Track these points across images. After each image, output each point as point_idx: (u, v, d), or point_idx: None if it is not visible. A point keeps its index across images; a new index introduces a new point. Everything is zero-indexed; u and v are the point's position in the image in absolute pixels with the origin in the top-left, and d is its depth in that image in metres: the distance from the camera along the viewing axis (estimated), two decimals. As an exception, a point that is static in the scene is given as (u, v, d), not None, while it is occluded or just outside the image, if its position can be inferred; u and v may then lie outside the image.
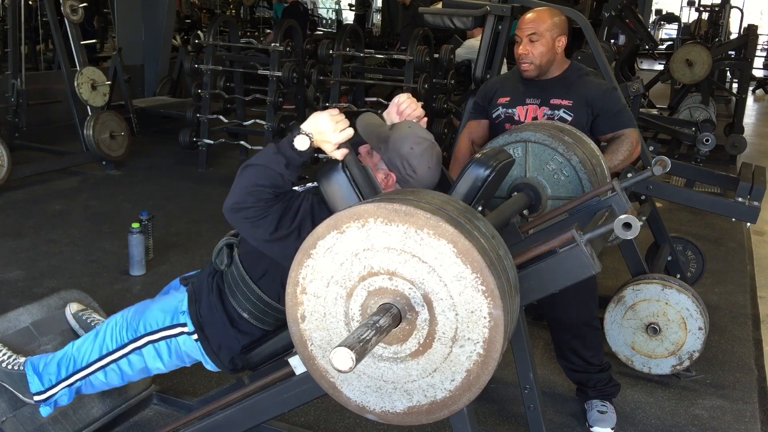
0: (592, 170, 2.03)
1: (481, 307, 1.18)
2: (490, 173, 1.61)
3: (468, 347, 1.21)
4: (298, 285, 1.29)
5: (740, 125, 7.70)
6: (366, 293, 1.25)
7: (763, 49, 18.88)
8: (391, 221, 1.19)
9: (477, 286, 1.17)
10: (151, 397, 2.57)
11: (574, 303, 2.52)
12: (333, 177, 1.60)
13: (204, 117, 6.04)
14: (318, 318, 1.29)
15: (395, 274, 1.21)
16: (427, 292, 1.20)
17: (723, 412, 2.78)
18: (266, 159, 1.62)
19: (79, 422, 2.28)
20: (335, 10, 18.96)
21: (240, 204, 1.61)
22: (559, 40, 2.55)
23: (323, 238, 1.25)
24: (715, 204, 3.25)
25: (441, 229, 1.17)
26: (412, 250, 1.19)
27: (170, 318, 1.94)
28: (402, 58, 5.56)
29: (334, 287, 1.26)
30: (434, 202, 1.24)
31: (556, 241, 1.55)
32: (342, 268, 1.24)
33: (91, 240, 4.31)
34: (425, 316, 1.22)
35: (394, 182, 1.73)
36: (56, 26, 5.68)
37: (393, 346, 1.26)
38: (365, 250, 1.22)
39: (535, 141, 2.03)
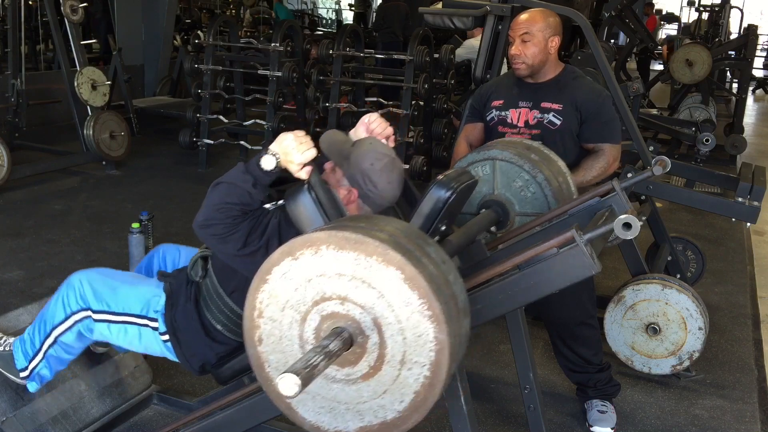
0: (558, 187, 2.07)
1: (427, 331, 1.22)
2: (451, 195, 1.66)
3: (416, 370, 1.25)
4: (255, 309, 1.33)
5: (740, 125, 7.70)
6: (319, 317, 1.29)
7: (763, 49, 18.88)
8: (342, 248, 1.24)
9: (423, 312, 1.21)
10: (151, 397, 2.57)
11: (569, 302, 2.53)
12: (298, 197, 1.65)
13: (204, 117, 6.04)
14: (274, 341, 1.33)
15: (347, 299, 1.26)
16: (377, 317, 1.25)
17: (723, 412, 2.78)
18: (235, 177, 1.68)
19: (79, 422, 2.29)
20: (335, 10, 18.96)
21: (209, 221, 1.67)
22: (552, 40, 2.54)
23: (278, 264, 1.29)
24: (715, 204, 3.25)
25: (389, 256, 1.22)
26: (363, 276, 1.24)
27: (142, 309, 1.95)
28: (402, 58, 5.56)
29: (289, 311, 1.31)
30: (386, 229, 1.29)
31: (556, 241, 1.55)
32: (296, 293, 1.29)
33: (91, 240, 4.31)
34: (375, 340, 1.26)
35: (356, 197, 1.77)
36: (56, 26, 5.67)
37: (345, 368, 1.31)
38: (318, 276, 1.27)
39: (502, 159, 2.08)
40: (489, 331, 3.29)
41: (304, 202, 1.64)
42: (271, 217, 1.72)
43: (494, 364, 3.06)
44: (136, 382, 2.53)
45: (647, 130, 6.16)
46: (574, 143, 2.59)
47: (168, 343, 1.94)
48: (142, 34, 8.59)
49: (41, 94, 6.86)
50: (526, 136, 2.57)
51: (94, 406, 2.35)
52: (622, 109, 3.15)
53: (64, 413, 2.24)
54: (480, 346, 3.19)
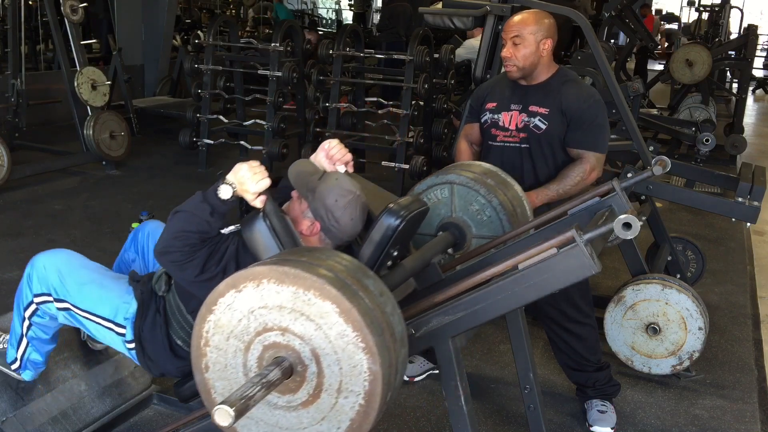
0: (513, 211, 2.15)
1: (361, 362, 1.30)
2: (401, 223, 1.72)
3: (351, 398, 1.33)
4: (201, 338, 1.40)
5: (740, 125, 7.70)
6: (262, 347, 1.36)
7: (763, 49, 18.88)
8: (282, 282, 1.31)
9: (357, 344, 1.29)
10: (151, 397, 2.57)
11: (560, 300, 2.54)
12: (254, 225, 1.71)
13: (204, 117, 6.04)
14: (220, 369, 1.41)
15: (287, 331, 1.33)
16: (315, 348, 1.32)
17: (723, 412, 2.78)
18: (193, 206, 1.72)
19: (79, 422, 2.29)
20: (335, 10, 18.96)
21: (167, 248, 1.72)
22: (545, 42, 2.52)
23: (223, 295, 1.36)
24: (715, 204, 3.25)
25: (325, 291, 1.29)
26: (301, 309, 1.31)
27: (110, 314, 1.97)
28: (403, 58, 5.56)
29: (234, 341, 1.38)
30: (326, 264, 1.36)
31: (557, 241, 1.55)
32: (240, 323, 1.36)
33: (91, 240, 4.31)
34: (314, 369, 1.34)
35: (318, 230, 1.81)
36: (56, 26, 5.67)
37: (286, 395, 1.37)
38: (260, 308, 1.34)
39: (459, 183, 2.16)
40: (489, 331, 3.29)
41: (259, 230, 1.70)
42: (228, 244, 1.77)
43: (494, 364, 3.06)
44: (136, 382, 2.53)
45: (647, 130, 6.16)
46: (561, 148, 2.57)
47: (132, 351, 1.97)
48: (142, 34, 8.59)
49: (41, 94, 6.85)
50: (515, 139, 2.57)
51: (94, 406, 2.35)
52: (622, 110, 3.15)
53: (64, 413, 2.24)
54: (480, 346, 3.19)
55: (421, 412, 2.68)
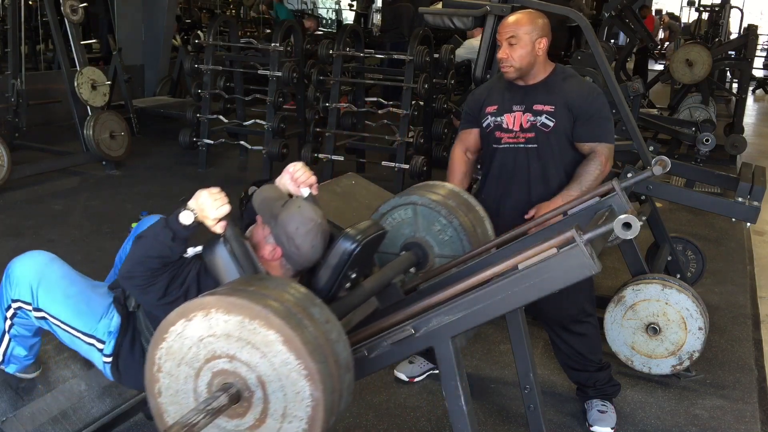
0: (473, 231, 2.20)
1: (304, 389, 1.36)
2: (356, 247, 1.80)
3: (295, 423, 1.39)
4: (154, 364, 1.46)
5: (740, 125, 7.70)
6: (211, 373, 1.43)
7: (763, 49, 18.89)
8: (229, 312, 1.38)
9: (300, 371, 1.35)
10: (143, 401, 2.57)
11: (564, 300, 2.53)
12: (215, 250, 1.76)
13: (204, 117, 6.04)
14: (172, 393, 1.47)
15: (234, 358, 1.40)
16: (261, 375, 1.39)
17: (723, 412, 2.78)
18: (156, 232, 1.76)
19: (79, 422, 2.29)
20: (335, 10, 18.96)
21: (130, 273, 1.77)
22: (540, 42, 2.51)
23: (174, 324, 1.42)
24: (715, 204, 3.25)
25: (270, 320, 1.35)
26: (247, 337, 1.37)
27: (91, 327, 1.98)
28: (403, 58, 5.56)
29: (185, 367, 1.44)
30: (272, 293, 1.42)
31: (557, 241, 1.55)
32: (190, 351, 1.42)
33: (91, 240, 4.31)
34: (260, 395, 1.40)
35: (280, 255, 1.85)
36: (56, 26, 5.67)
37: (234, 420, 1.43)
38: (209, 336, 1.40)
39: (421, 204, 2.21)
40: (489, 331, 3.29)
41: (220, 254, 1.75)
42: (191, 268, 1.81)
43: (494, 364, 3.06)
44: (136, 382, 2.53)
45: (647, 130, 6.16)
46: (569, 144, 2.57)
47: (108, 365, 1.99)
48: (142, 34, 8.59)
49: (41, 94, 6.85)
50: (521, 140, 2.56)
51: (94, 406, 2.35)
52: (622, 109, 3.15)
53: (64, 413, 2.24)
54: (480, 346, 3.19)
55: (421, 412, 2.68)
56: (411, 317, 1.69)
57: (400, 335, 1.67)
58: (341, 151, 6.06)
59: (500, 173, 2.63)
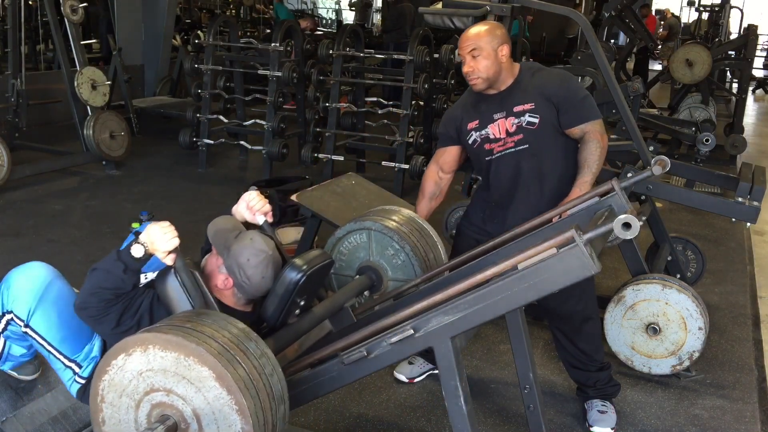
0: (424, 256, 2.30)
1: (235, 423, 1.45)
2: (302, 277, 1.86)
3: None
4: (98, 395, 1.55)
5: (740, 125, 7.70)
6: (150, 405, 1.51)
7: (763, 49, 18.88)
8: (165, 349, 1.46)
9: (232, 406, 1.44)
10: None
11: (573, 297, 2.53)
12: (166, 281, 1.83)
13: (204, 117, 6.04)
14: (114, 423, 1.56)
15: (171, 392, 1.48)
16: (196, 408, 1.47)
17: (723, 412, 2.78)
18: (108, 264, 1.80)
19: (79, 422, 2.28)
20: (335, 10, 18.96)
21: (84, 304, 1.80)
22: (501, 49, 2.52)
23: (115, 358, 1.51)
24: (715, 204, 3.25)
25: (203, 357, 1.43)
26: (183, 373, 1.46)
27: (74, 352, 1.99)
28: (403, 58, 5.57)
29: (126, 399, 1.53)
30: (208, 330, 1.49)
31: (556, 241, 1.55)
32: (130, 383, 1.51)
33: (91, 240, 4.31)
34: (195, 427, 1.49)
35: (232, 285, 1.90)
36: (56, 26, 5.68)
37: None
38: (147, 370, 1.49)
39: (375, 229, 2.30)
40: (489, 331, 3.29)
41: (171, 285, 1.82)
42: (143, 298, 1.85)
43: (494, 364, 3.06)
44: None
45: (647, 130, 6.16)
46: (559, 133, 2.55)
47: (78, 385, 2.00)
48: (142, 34, 8.59)
49: (41, 94, 6.85)
50: (511, 145, 2.54)
51: (94, 406, 2.35)
52: (622, 110, 3.15)
53: (64, 413, 2.24)
54: (480, 346, 3.19)
55: (421, 412, 2.68)
56: (407, 319, 1.69)
57: (399, 335, 1.67)
58: (341, 151, 6.07)
59: (499, 183, 2.61)
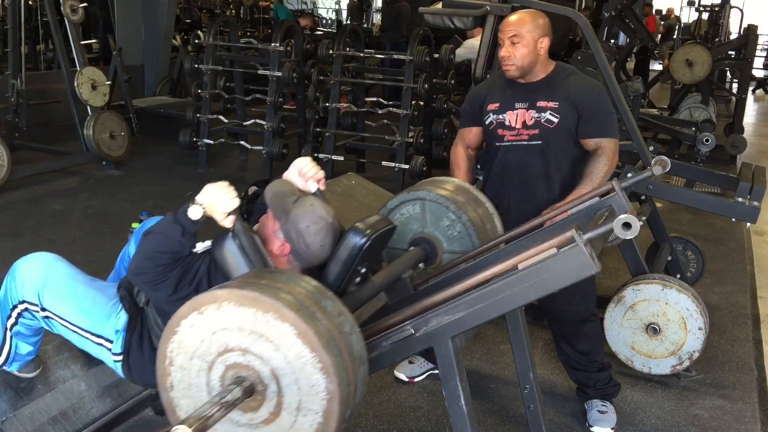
0: (482, 227, 2.18)
1: (318, 382, 1.34)
2: (366, 242, 1.78)
3: (310, 417, 1.37)
4: (166, 358, 1.45)
5: (740, 125, 7.70)
6: (224, 367, 1.41)
7: (763, 49, 18.88)
8: (241, 305, 1.36)
9: (315, 364, 1.34)
10: (151, 397, 2.57)
11: (573, 298, 2.53)
12: (224, 245, 1.74)
13: (204, 117, 6.04)
14: (184, 387, 1.45)
15: (247, 351, 1.38)
16: (274, 368, 1.37)
17: (723, 412, 2.78)
18: (164, 227, 1.75)
19: (79, 422, 2.29)
20: (335, 10, 18.96)
21: (140, 269, 1.75)
22: (542, 41, 2.51)
23: (186, 317, 1.41)
24: (715, 204, 3.25)
25: (283, 313, 1.33)
26: (260, 330, 1.36)
27: (98, 326, 1.96)
28: (403, 58, 5.56)
29: (197, 361, 1.43)
30: (285, 287, 1.40)
31: (556, 241, 1.55)
32: (202, 344, 1.41)
33: (91, 240, 4.31)
34: (274, 389, 1.38)
35: (288, 251, 1.82)
36: (56, 26, 5.67)
37: (248, 413, 1.41)
38: (221, 329, 1.39)
39: (429, 200, 2.19)
40: (489, 331, 3.29)
41: (229, 249, 1.73)
42: (200, 263, 1.79)
43: (494, 364, 3.06)
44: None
45: (647, 130, 6.16)
46: (574, 140, 2.57)
47: (118, 363, 1.96)
48: (142, 34, 8.59)
49: (41, 94, 6.85)
50: (524, 137, 2.56)
51: (94, 406, 2.35)
52: (622, 109, 3.15)
53: (64, 413, 2.24)
54: (480, 346, 3.19)
55: (421, 412, 2.68)
56: (411, 317, 1.69)
57: (400, 335, 1.67)
58: (341, 151, 6.06)
59: (503, 171, 2.63)
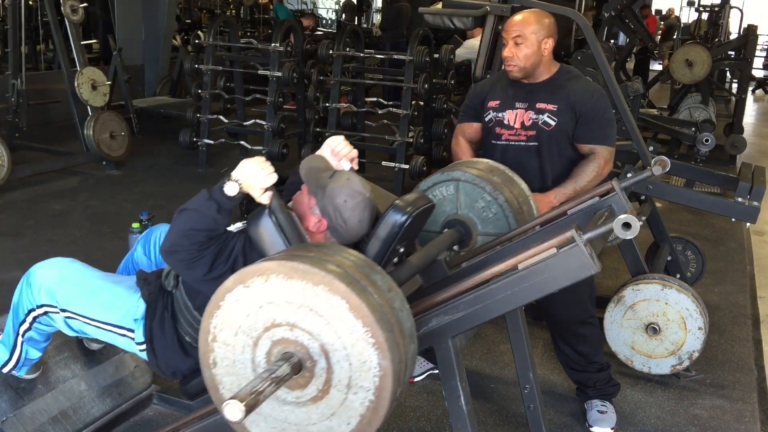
0: (519, 209, 2.13)
1: (371, 358, 1.28)
2: (407, 219, 1.72)
3: (361, 394, 1.31)
4: (209, 333, 1.39)
5: (740, 125, 7.70)
6: (270, 342, 1.35)
7: (763, 49, 18.87)
8: (290, 277, 1.30)
9: (367, 339, 1.27)
10: (151, 397, 2.57)
11: (571, 300, 2.53)
12: (260, 222, 1.69)
13: (204, 117, 6.04)
14: (228, 364, 1.39)
15: (296, 326, 1.32)
16: (324, 343, 1.31)
17: (723, 412, 2.78)
18: (199, 204, 1.71)
19: (79, 422, 2.29)
20: (335, 10, 18.95)
21: (175, 247, 1.71)
22: (546, 42, 2.51)
23: (231, 291, 1.34)
24: (715, 204, 3.25)
25: (334, 286, 1.27)
26: (310, 304, 1.30)
27: (119, 318, 1.94)
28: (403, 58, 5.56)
29: (242, 336, 1.36)
30: (334, 259, 1.35)
31: (556, 241, 1.55)
32: (248, 319, 1.35)
33: (91, 240, 4.31)
34: (323, 365, 1.32)
35: (325, 228, 1.79)
36: (56, 26, 5.67)
37: (295, 391, 1.36)
38: (268, 303, 1.32)
39: (464, 180, 2.14)
40: (489, 331, 3.29)
41: (265, 226, 1.68)
42: (236, 241, 1.75)
43: (494, 364, 3.06)
44: (136, 382, 2.53)
45: (647, 130, 6.16)
46: (569, 144, 2.57)
47: (143, 352, 1.95)
48: (142, 34, 8.59)
49: (41, 94, 6.85)
50: (522, 138, 2.56)
51: (94, 406, 2.35)
52: (621, 110, 3.15)
53: (64, 413, 2.24)
54: (480, 346, 3.19)
55: (421, 412, 2.68)
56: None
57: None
58: (341, 151, 6.05)
59: None
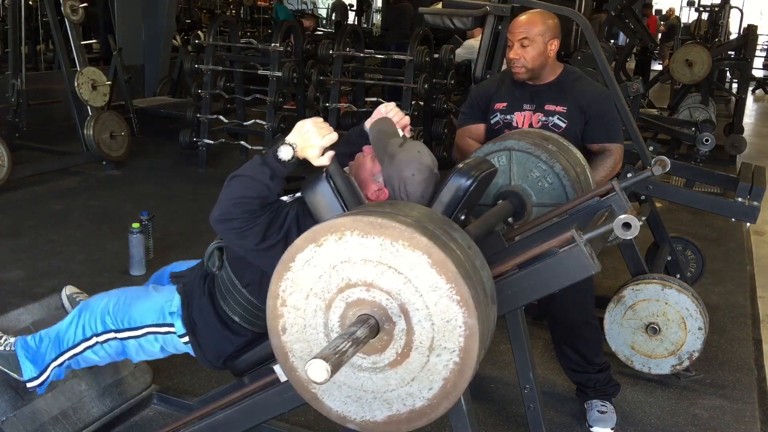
0: (576, 178, 2.04)
1: (456, 316, 1.19)
2: (472, 183, 1.63)
3: (444, 356, 1.23)
4: (278, 298, 1.31)
5: (740, 125, 7.70)
6: (344, 305, 1.27)
7: (762, 49, 18.88)
8: (367, 234, 1.21)
9: (452, 296, 1.19)
10: (151, 397, 2.57)
11: (572, 302, 2.52)
12: (317, 187, 1.60)
13: (204, 117, 6.04)
14: (298, 330, 1.31)
15: (372, 286, 1.24)
16: (404, 303, 1.22)
17: (723, 412, 2.78)
18: (252, 170, 1.64)
19: (79, 422, 2.29)
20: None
21: (226, 215, 1.64)
22: (552, 43, 2.50)
23: (302, 251, 1.26)
24: (715, 204, 3.25)
25: (415, 240, 1.19)
26: (388, 261, 1.21)
27: (157, 317, 1.94)
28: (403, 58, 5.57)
29: (313, 299, 1.28)
30: (411, 214, 1.26)
31: (556, 241, 1.55)
32: (320, 280, 1.27)
33: (91, 240, 4.31)
34: (402, 327, 1.24)
35: (386, 197, 1.72)
36: (56, 26, 5.67)
37: (372, 356, 1.28)
38: (343, 262, 1.24)
39: (518, 149, 2.05)
40: (489, 331, 3.29)
41: (322, 191, 1.59)
42: (289, 210, 1.68)
43: (494, 364, 3.06)
44: (136, 382, 2.53)
45: (647, 130, 6.16)
46: (578, 144, 2.57)
47: (188, 344, 1.93)
48: (142, 34, 8.59)
49: (41, 94, 6.85)
50: None
51: (94, 406, 2.35)
52: (622, 109, 3.14)
53: (64, 413, 2.24)
54: (480, 346, 3.19)
55: (421, 412, 2.68)
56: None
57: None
58: (341, 151, 6.05)
59: None
